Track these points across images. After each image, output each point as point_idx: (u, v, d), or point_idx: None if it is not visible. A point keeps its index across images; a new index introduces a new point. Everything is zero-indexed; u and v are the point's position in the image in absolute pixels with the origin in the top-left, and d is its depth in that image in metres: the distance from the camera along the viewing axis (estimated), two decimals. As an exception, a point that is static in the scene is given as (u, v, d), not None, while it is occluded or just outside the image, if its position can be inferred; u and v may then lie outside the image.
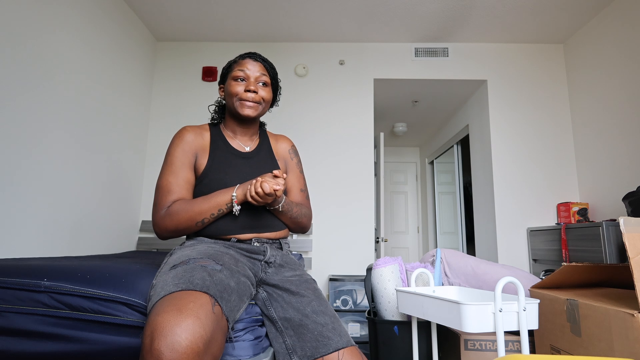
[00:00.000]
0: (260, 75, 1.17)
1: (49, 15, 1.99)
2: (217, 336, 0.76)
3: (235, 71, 1.15)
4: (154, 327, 0.69)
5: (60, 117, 2.08)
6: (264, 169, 1.21)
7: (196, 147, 1.16)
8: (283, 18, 2.89)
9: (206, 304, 0.77)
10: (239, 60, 1.17)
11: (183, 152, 1.14)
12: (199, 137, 1.18)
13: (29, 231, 1.87)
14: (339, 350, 0.91)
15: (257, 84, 1.17)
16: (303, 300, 1.01)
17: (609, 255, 2.12)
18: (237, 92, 1.14)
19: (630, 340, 0.95)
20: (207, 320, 0.73)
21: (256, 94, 1.15)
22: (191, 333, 0.69)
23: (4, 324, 0.91)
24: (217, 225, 1.10)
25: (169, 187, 1.09)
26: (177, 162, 1.12)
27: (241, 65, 1.16)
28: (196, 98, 3.15)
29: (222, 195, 1.05)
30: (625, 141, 2.50)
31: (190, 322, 0.70)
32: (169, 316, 0.70)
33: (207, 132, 1.20)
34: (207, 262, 0.91)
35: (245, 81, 1.16)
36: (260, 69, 1.17)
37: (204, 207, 1.04)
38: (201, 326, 0.71)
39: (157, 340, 0.67)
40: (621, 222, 1.01)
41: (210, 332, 0.73)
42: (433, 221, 4.86)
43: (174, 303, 0.74)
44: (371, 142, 3.10)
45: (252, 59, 1.17)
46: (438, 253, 1.73)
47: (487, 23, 2.91)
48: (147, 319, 0.73)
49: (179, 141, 1.15)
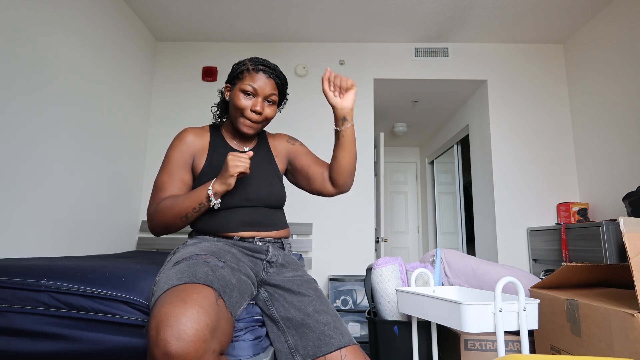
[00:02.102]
0: (270, 94, 1.13)
1: (49, 16, 1.99)
2: (223, 325, 0.77)
3: (246, 84, 1.11)
4: (159, 319, 0.69)
5: (60, 117, 2.08)
6: (262, 167, 1.21)
7: (195, 148, 1.17)
8: (283, 18, 2.89)
9: (210, 296, 0.77)
10: (252, 71, 1.11)
11: (180, 152, 1.15)
12: (199, 138, 1.18)
13: (29, 231, 1.87)
14: (342, 348, 0.91)
15: (264, 102, 1.13)
16: (304, 299, 1.02)
17: (609, 255, 2.12)
18: (243, 107, 1.11)
19: (630, 340, 0.95)
20: (211, 309, 0.74)
21: (260, 115, 1.13)
22: (196, 321, 0.69)
23: (4, 323, 0.91)
24: (219, 221, 1.10)
25: (163, 186, 1.11)
26: (173, 162, 1.13)
27: (253, 80, 1.11)
28: (196, 98, 3.15)
29: (200, 190, 1.05)
30: (625, 141, 2.50)
31: (195, 311, 0.71)
32: (173, 307, 0.71)
33: (207, 133, 1.21)
34: (209, 258, 0.92)
35: (253, 97, 1.12)
36: (271, 88, 1.13)
37: (186, 203, 1.05)
38: (206, 315, 0.72)
39: (163, 331, 0.67)
40: (621, 222, 1.01)
41: (215, 321, 0.74)
42: (433, 221, 4.86)
43: (178, 295, 0.74)
44: (371, 142, 3.10)
45: (266, 75, 1.12)
46: (438, 253, 1.73)
47: (487, 23, 2.91)
48: (152, 311, 0.74)
49: (178, 142, 1.16)
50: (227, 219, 1.11)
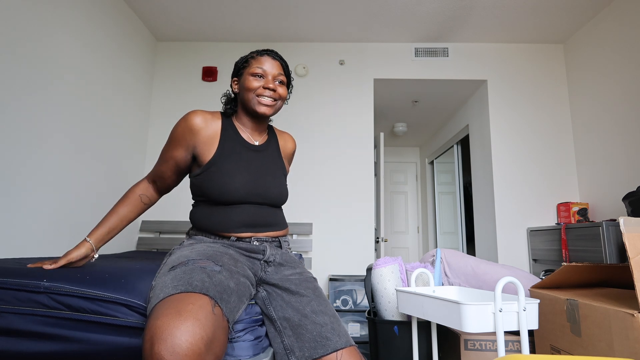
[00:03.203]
0: (278, 74, 1.16)
1: (49, 16, 1.99)
2: (219, 335, 0.76)
3: (254, 67, 1.14)
4: (153, 331, 0.69)
5: (61, 117, 2.07)
6: (271, 163, 1.21)
7: (201, 135, 1.13)
8: (283, 18, 2.89)
9: (206, 305, 0.76)
10: (257, 56, 1.15)
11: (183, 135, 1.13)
12: (208, 124, 1.14)
13: (29, 231, 1.87)
14: (338, 350, 0.91)
15: (274, 82, 1.16)
16: (302, 300, 1.01)
17: (609, 255, 2.12)
18: (254, 87, 1.13)
19: (630, 340, 0.95)
20: (207, 321, 0.73)
21: (274, 91, 1.15)
22: (191, 335, 0.69)
23: (3, 324, 0.91)
24: (216, 221, 1.09)
25: (154, 167, 1.21)
26: (169, 144, 1.15)
27: (260, 62, 1.14)
28: (196, 98, 3.15)
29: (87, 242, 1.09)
30: (625, 141, 2.50)
31: (190, 324, 0.70)
32: (168, 319, 0.70)
33: (219, 120, 1.18)
34: (206, 262, 0.91)
35: (264, 78, 1.14)
36: (278, 68, 1.16)
37: (107, 214, 1.14)
38: (201, 327, 0.71)
39: (157, 344, 0.67)
40: (621, 222, 1.01)
41: (211, 333, 0.73)
42: (433, 221, 4.86)
43: (173, 306, 0.73)
44: (371, 142, 3.10)
45: (271, 57, 1.16)
46: (438, 253, 1.73)
47: (487, 23, 2.91)
48: (147, 323, 0.73)
49: (182, 124, 1.13)
50: (225, 219, 1.09)
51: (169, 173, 1.17)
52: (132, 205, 1.15)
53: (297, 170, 3.05)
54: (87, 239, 1.07)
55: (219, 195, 1.08)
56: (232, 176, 1.09)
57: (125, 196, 1.16)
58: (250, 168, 1.14)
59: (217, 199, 1.09)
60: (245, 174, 1.12)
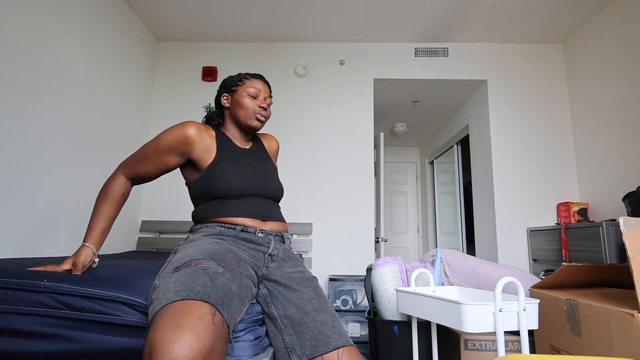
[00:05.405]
0: (267, 96, 1.31)
1: (49, 16, 1.99)
2: (218, 346, 0.77)
3: (249, 88, 1.27)
4: (152, 344, 0.70)
5: (60, 117, 2.08)
6: (263, 162, 1.32)
7: (197, 144, 1.18)
8: (283, 18, 2.89)
9: (206, 315, 0.77)
10: (251, 78, 1.29)
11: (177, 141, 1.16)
12: (203, 135, 1.21)
13: (29, 231, 1.87)
14: (339, 349, 0.91)
15: (265, 102, 1.30)
16: (303, 297, 1.02)
17: (609, 255, 2.12)
18: (253, 106, 1.26)
19: (630, 340, 0.95)
20: (206, 332, 0.74)
21: (266, 110, 1.28)
22: (189, 349, 0.69)
23: (4, 324, 0.91)
24: (223, 210, 1.14)
25: (140, 160, 1.17)
26: (164, 146, 1.16)
27: (254, 84, 1.28)
28: (196, 98, 3.15)
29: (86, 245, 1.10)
30: (625, 141, 2.50)
31: (188, 337, 0.70)
32: (166, 332, 0.70)
33: (212, 131, 1.27)
34: (209, 263, 0.92)
35: (257, 98, 1.28)
36: (267, 91, 1.31)
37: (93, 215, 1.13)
38: (199, 341, 0.71)
39: (155, 358, 0.68)
40: (621, 222, 1.01)
41: (209, 345, 0.73)
42: (433, 221, 4.86)
43: (172, 317, 0.74)
44: (371, 142, 3.10)
45: (263, 81, 1.31)
46: (438, 253, 1.73)
47: (487, 23, 2.91)
48: (147, 332, 0.74)
49: (179, 130, 1.16)
50: (233, 206, 1.15)
51: (153, 173, 1.20)
52: (117, 204, 1.17)
53: (297, 170, 3.05)
54: (87, 244, 1.08)
55: (224, 190, 1.15)
56: (235, 173, 1.18)
57: (109, 196, 1.15)
58: (248, 166, 1.24)
59: (222, 194, 1.15)
60: (246, 170, 1.21)
